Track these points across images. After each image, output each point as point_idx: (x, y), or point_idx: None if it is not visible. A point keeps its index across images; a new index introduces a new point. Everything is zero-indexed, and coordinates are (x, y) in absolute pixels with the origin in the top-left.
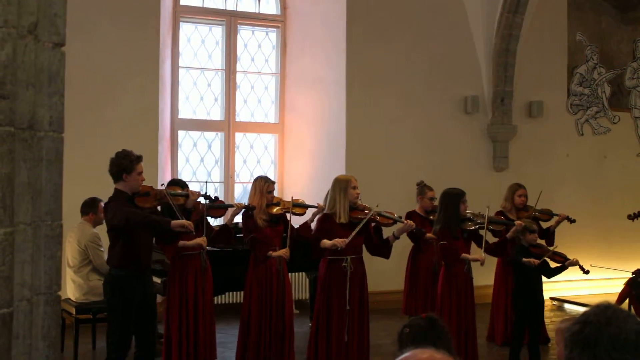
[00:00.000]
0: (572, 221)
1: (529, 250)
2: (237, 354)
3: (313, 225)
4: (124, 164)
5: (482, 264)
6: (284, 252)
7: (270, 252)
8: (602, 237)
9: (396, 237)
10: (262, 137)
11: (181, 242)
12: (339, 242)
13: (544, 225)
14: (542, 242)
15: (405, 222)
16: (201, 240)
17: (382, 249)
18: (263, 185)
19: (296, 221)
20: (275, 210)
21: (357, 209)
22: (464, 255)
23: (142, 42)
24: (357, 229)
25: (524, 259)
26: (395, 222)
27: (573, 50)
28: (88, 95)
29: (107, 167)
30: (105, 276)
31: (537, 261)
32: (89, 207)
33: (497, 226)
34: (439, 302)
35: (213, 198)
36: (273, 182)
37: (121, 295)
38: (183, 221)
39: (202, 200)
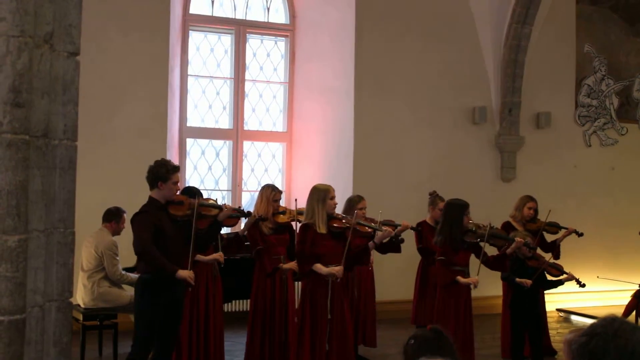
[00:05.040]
0: (580, 234)
1: (525, 263)
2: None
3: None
4: (161, 173)
5: (474, 287)
6: (293, 264)
7: (281, 265)
8: (609, 248)
9: (376, 244)
10: (270, 146)
11: (198, 256)
12: (336, 270)
13: (552, 237)
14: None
15: (385, 229)
16: (217, 255)
17: (361, 257)
18: (270, 193)
19: None
20: (281, 218)
21: (336, 218)
22: (459, 278)
23: (151, 50)
24: (345, 250)
25: (517, 280)
26: (375, 231)
27: (581, 62)
28: (97, 103)
29: (117, 175)
30: (137, 279)
31: (529, 282)
32: (113, 215)
33: (498, 241)
34: (439, 311)
35: (246, 212)
36: (280, 191)
37: (150, 298)
38: (188, 274)
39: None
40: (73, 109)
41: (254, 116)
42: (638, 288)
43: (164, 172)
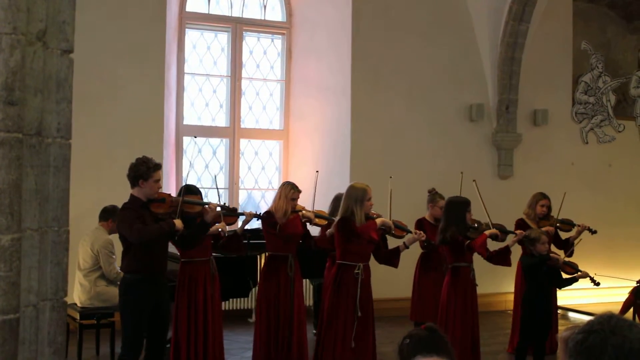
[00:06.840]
0: (594, 232)
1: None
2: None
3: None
4: (141, 171)
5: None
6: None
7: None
8: (607, 245)
9: (406, 247)
10: (266, 144)
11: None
12: (420, 234)
13: (565, 235)
14: (560, 252)
15: (416, 232)
16: (221, 225)
17: (392, 258)
18: (289, 191)
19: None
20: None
21: (371, 218)
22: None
23: (147, 48)
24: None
25: (551, 254)
26: (407, 232)
27: (578, 59)
28: (93, 101)
29: (113, 173)
30: (121, 279)
31: (561, 258)
32: (109, 213)
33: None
34: (444, 308)
35: (231, 209)
36: (299, 190)
37: (133, 297)
38: (180, 223)
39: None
40: (67, 107)
41: (251, 114)
42: (635, 285)
43: (144, 170)
